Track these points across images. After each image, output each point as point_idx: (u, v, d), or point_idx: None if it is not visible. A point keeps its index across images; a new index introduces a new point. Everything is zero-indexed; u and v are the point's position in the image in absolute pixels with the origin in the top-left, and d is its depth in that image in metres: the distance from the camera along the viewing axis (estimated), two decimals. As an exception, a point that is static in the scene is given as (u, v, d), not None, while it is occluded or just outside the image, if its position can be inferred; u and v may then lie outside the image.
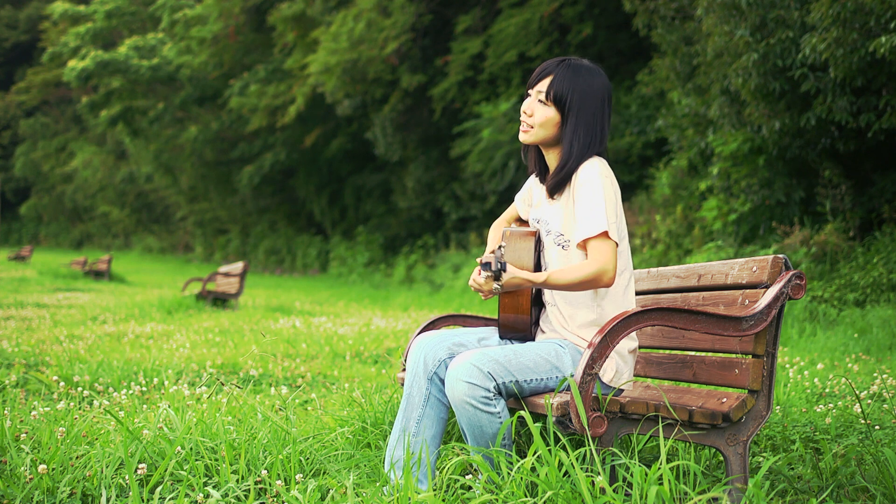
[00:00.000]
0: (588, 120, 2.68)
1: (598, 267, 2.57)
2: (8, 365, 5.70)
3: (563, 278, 2.57)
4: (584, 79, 2.68)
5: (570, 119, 2.68)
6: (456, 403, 2.54)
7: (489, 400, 2.52)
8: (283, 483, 2.66)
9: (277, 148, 26.22)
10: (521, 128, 2.77)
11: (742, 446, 2.47)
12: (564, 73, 2.68)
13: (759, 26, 8.29)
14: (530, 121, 2.73)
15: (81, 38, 31.51)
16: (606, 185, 2.65)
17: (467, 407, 2.52)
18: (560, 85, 2.67)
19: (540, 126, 2.72)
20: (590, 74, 2.70)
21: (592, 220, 2.60)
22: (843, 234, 8.44)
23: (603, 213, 2.60)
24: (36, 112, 48.60)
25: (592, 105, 2.68)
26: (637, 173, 15.19)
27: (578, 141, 2.68)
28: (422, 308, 13.19)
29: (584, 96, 2.67)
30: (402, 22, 19.20)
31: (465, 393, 2.50)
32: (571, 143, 2.68)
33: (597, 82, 2.69)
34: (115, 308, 11.27)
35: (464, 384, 2.50)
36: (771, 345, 2.50)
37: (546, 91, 2.69)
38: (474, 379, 2.50)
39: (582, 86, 2.68)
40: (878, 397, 4.18)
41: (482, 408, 2.51)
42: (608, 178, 2.67)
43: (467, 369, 2.51)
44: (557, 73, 2.69)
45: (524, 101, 2.78)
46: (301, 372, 5.77)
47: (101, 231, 47.35)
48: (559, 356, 2.67)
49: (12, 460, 2.76)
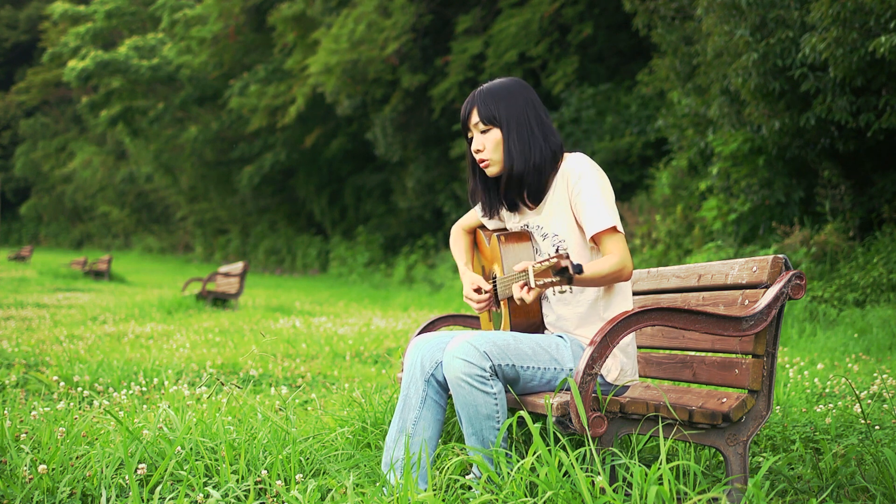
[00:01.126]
0: (521, 123, 2.76)
1: (619, 260, 2.61)
2: (8, 365, 5.70)
3: (593, 272, 2.56)
4: (501, 92, 2.79)
5: (505, 128, 2.77)
6: (452, 381, 2.55)
7: (485, 379, 2.52)
8: (283, 483, 2.66)
9: (277, 148, 26.22)
10: (483, 166, 2.82)
11: (742, 446, 2.47)
12: (481, 96, 2.80)
13: (758, 26, 8.29)
14: (485, 154, 2.80)
15: (81, 39, 31.51)
16: (602, 178, 2.69)
17: (463, 385, 2.52)
18: (485, 106, 2.78)
19: (494, 151, 2.78)
20: (505, 87, 2.81)
21: (603, 214, 2.63)
22: (843, 234, 8.44)
23: (609, 207, 2.65)
24: (36, 112, 48.60)
25: (518, 110, 2.77)
26: (637, 173, 15.18)
27: (514, 143, 2.74)
28: (422, 308, 13.19)
29: (508, 106, 2.77)
30: (403, 22, 19.20)
31: (460, 370, 2.51)
32: (510, 149, 2.75)
33: (514, 90, 2.80)
34: (115, 308, 11.27)
35: (460, 361, 2.51)
36: (771, 345, 2.50)
37: (479, 120, 2.79)
38: (470, 357, 2.51)
39: (503, 98, 2.78)
40: (878, 397, 4.18)
41: (478, 386, 2.52)
42: (600, 171, 2.72)
43: (464, 347, 2.53)
44: (476, 101, 2.81)
45: (470, 146, 2.85)
46: (301, 372, 5.77)
47: (101, 231, 47.35)
48: (559, 348, 2.68)
49: (12, 460, 2.76)
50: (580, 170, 2.68)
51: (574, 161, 2.71)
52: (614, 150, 15.23)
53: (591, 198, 2.65)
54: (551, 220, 2.76)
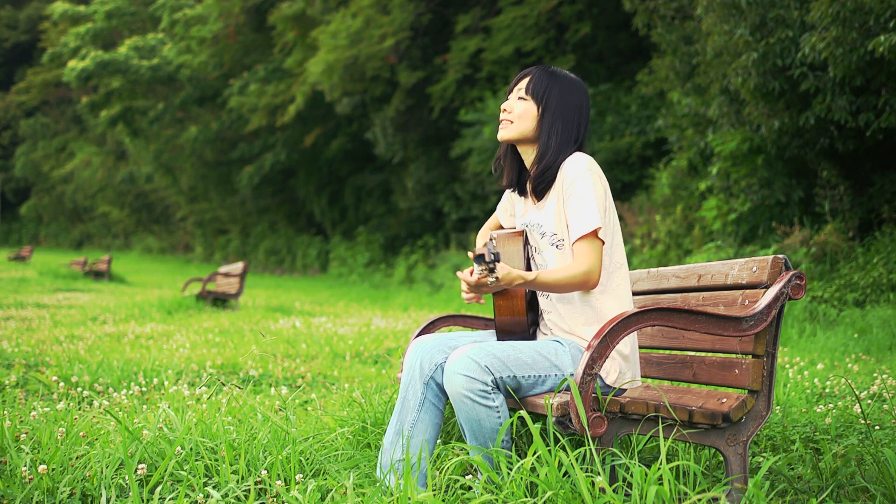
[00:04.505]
0: (566, 116, 2.74)
1: (584, 269, 2.60)
2: (8, 365, 5.70)
3: (551, 277, 2.59)
4: (561, 79, 2.77)
5: (548, 113, 2.74)
6: (454, 397, 2.54)
7: (487, 394, 2.51)
8: (283, 483, 2.66)
9: (277, 148, 26.23)
10: (500, 126, 2.81)
11: (742, 446, 2.47)
12: (542, 72, 2.78)
13: (758, 25, 8.29)
14: (510, 116, 2.79)
15: (81, 39, 31.51)
16: (595, 182, 2.66)
17: (465, 400, 2.51)
18: (538, 81, 2.76)
19: (519, 118, 2.76)
20: (567, 78, 2.79)
21: (584, 219, 2.62)
22: (843, 235, 8.44)
23: (595, 211, 2.62)
24: (36, 112, 48.60)
25: (570, 104, 2.75)
26: (637, 173, 15.18)
27: (556, 134, 2.73)
28: (422, 308, 13.19)
29: (561, 93, 2.75)
30: (401, 20, 19.24)
31: (462, 386, 2.50)
32: (549, 135, 2.73)
33: (575, 86, 2.78)
34: (114, 308, 11.27)
35: (461, 377, 2.50)
36: (771, 345, 2.50)
37: (525, 87, 2.77)
38: (472, 372, 2.50)
39: (560, 84, 2.76)
40: (878, 397, 4.17)
41: (480, 401, 2.51)
42: (596, 174, 2.68)
43: (465, 363, 2.52)
44: (535, 73, 2.79)
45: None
46: (301, 372, 5.77)
47: (101, 231, 47.35)
48: (558, 354, 2.67)
49: (12, 460, 2.76)
50: (574, 173, 2.67)
51: (572, 162, 2.70)
52: (614, 150, 15.23)
53: (578, 202, 2.64)
54: (549, 219, 2.75)
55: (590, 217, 2.61)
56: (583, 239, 2.62)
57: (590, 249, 2.61)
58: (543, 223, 2.78)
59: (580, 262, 2.60)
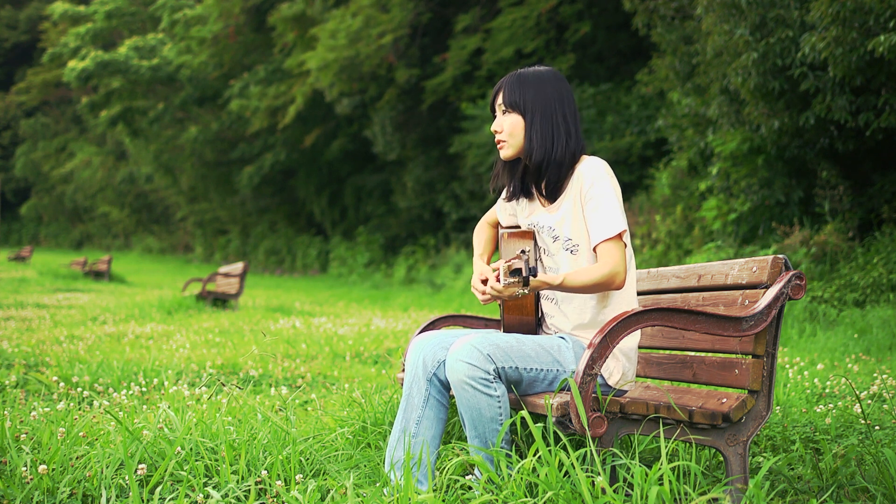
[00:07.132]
0: (547, 111, 2.76)
1: (610, 269, 2.60)
2: (8, 365, 5.70)
3: (579, 280, 2.59)
4: (531, 79, 2.80)
5: (530, 116, 2.77)
6: (455, 384, 2.54)
7: (489, 382, 2.52)
8: (283, 483, 2.66)
9: (277, 148, 26.23)
10: (498, 147, 2.84)
11: (742, 446, 2.47)
12: (512, 80, 2.81)
13: (758, 25, 8.29)
14: (502, 136, 2.81)
15: (81, 39, 31.51)
16: (614, 186, 2.69)
17: (466, 388, 2.52)
18: (511, 91, 2.79)
19: (510, 134, 2.79)
20: (536, 75, 2.81)
21: (608, 223, 2.63)
22: (843, 235, 8.44)
23: (618, 214, 2.65)
24: (36, 112, 48.61)
25: (548, 98, 2.77)
26: (637, 173, 15.19)
27: (546, 132, 2.75)
28: (422, 308, 13.19)
29: (536, 93, 2.77)
30: (401, 18, 19.25)
31: (464, 373, 2.51)
32: (541, 135, 2.75)
33: (546, 80, 2.80)
34: (114, 308, 11.27)
35: (463, 364, 2.51)
36: (771, 345, 2.50)
37: (503, 101, 2.80)
38: (474, 360, 2.51)
39: (532, 85, 2.78)
40: (878, 397, 4.18)
41: (481, 389, 2.52)
42: (612, 178, 2.71)
43: (467, 350, 2.53)
44: (506, 84, 2.82)
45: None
46: (301, 372, 5.77)
47: (101, 231, 47.35)
48: (561, 350, 2.68)
49: (12, 461, 2.76)
50: (593, 176, 2.68)
51: (589, 165, 2.71)
52: (614, 150, 15.23)
53: (599, 206, 2.65)
54: (564, 224, 2.76)
55: (614, 220, 2.63)
56: (607, 241, 2.63)
57: (615, 251, 2.62)
58: (556, 227, 2.78)
59: (606, 263, 2.62)
